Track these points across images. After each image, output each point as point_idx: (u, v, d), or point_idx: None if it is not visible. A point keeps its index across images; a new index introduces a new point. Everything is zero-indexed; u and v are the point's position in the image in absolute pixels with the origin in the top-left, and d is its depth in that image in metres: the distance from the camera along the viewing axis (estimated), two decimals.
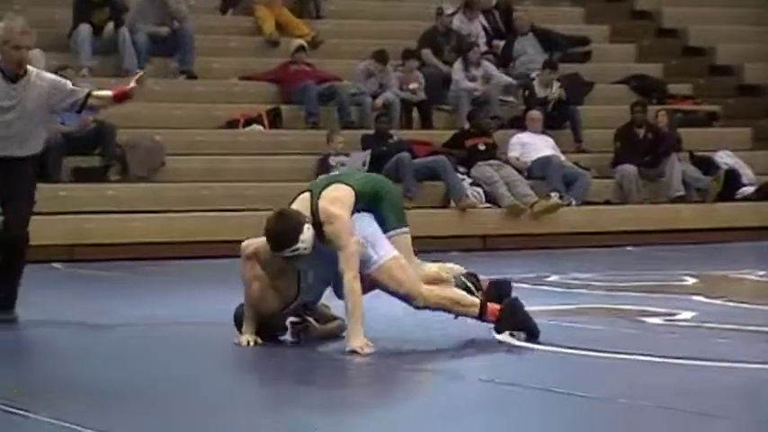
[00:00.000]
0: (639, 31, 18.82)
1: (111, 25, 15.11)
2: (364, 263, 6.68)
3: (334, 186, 6.87)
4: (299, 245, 6.62)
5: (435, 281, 7.02)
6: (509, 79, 16.34)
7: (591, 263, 12.37)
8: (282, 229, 6.65)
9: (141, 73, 8.44)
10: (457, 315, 6.96)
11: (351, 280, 6.59)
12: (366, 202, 6.93)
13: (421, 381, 6.19)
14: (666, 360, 6.54)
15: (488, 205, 14.73)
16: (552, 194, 14.88)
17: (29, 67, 7.93)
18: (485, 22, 17.43)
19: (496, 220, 14.62)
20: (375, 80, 15.70)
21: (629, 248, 14.28)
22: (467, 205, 14.47)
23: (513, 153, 15.31)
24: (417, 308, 6.92)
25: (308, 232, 6.64)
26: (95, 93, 8.16)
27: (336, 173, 7.12)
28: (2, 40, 7.75)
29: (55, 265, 11.92)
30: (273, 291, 6.83)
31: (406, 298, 6.87)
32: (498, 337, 6.92)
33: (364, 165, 14.34)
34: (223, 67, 15.93)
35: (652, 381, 6.02)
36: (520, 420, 5.20)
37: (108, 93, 8.25)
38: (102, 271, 11.53)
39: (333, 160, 14.40)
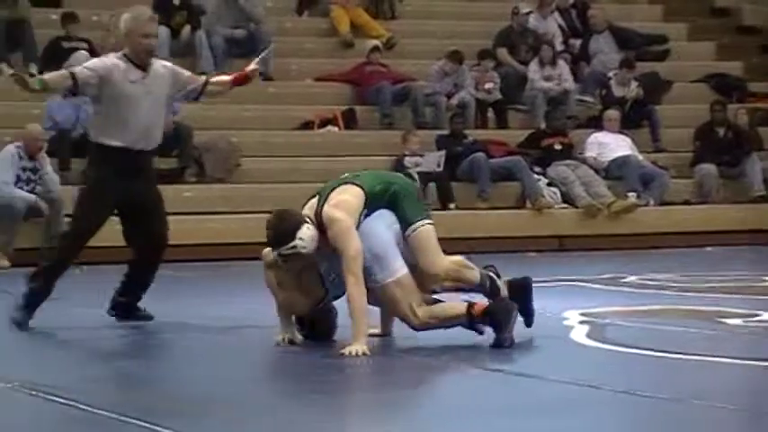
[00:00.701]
0: (718, 28, 18.61)
1: (188, 28, 15.23)
2: (367, 276, 6.64)
3: (341, 188, 6.90)
4: (297, 242, 6.65)
5: (464, 266, 6.96)
6: (574, 87, 16.17)
7: (669, 263, 12.24)
8: (279, 227, 6.70)
9: (265, 53, 8.40)
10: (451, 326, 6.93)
11: (351, 285, 6.58)
12: (382, 201, 6.88)
13: (494, 380, 6.14)
14: (745, 362, 6.45)
15: (564, 205, 14.63)
16: (630, 194, 14.76)
17: (152, 59, 7.92)
18: (561, 21, 17.33)
19: (573, 221, 14.52)
20: (450, 80, 15.67)
21: (708, 249, 14.11)
22: (543, 206, 14.38)
23: (589, 153, 15.20)
24: (415, 329, 6.87)
25: (307, 231, 6.68)
26: (213, 79, 8.17)
27: (346, 174, 7.05)
28: (129, 29, 7.75)
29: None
30: (299, 293, 6.85)
31: (403, 319, 6.85)
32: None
33: (439, 166, 14.32)
34: (299, 69, 15.98)
35: (729, 382, 5.94)
36: (594, 422, 5.15)
37: (226, 78, 8.23)
38: (178, 272, 11.60)
39: (408, 161, 14.38)
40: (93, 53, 14.54)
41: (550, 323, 7.86)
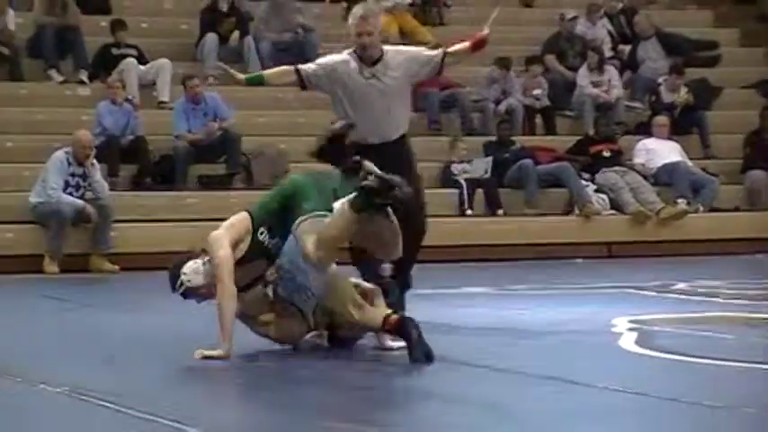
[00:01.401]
0: None
1: (236, 34, 15.28)
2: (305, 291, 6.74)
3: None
4: (182, 277, 6.79)
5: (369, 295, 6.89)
6: (623, 93, 16.07)
7: (719, 270, 12.15)
8: (169, 273, 6.88)
9: (494, 14, 8.19)
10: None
11: (218, 291, 6.72)
12: (282, 216, 6.89)
13: (542, 387, 6.12)
14: None
15: (613, 212, 14.56)
16: (679, 201, 14.67)
17: (386, 47, 7.96)
18: (610, 27, 17.26)
19: (621, 227, 14.45)
20: (498, 86, 15.64)
21: (758, 256, 13.99)
22: (591, 212, 14.32)
23: (638, 159, 15.12)
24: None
25: (192, 265, 6.80)
26: (451, 50, 8.01)
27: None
28: (349, 28, 7.85)
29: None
30: (285, 321, 6.85)
31: (344, 313, 6.85)
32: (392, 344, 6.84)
33: (486, 172, 14.29)
34: None
35: None
36: (641, 429, 5.11)
37: (464, 45, 8.04)
38: None
39: (455, 167, 14.36)
40: (142, 59, 14.66)
41: (599, 330, 7.82)
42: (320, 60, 8.06)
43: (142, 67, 14.54)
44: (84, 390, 5.78)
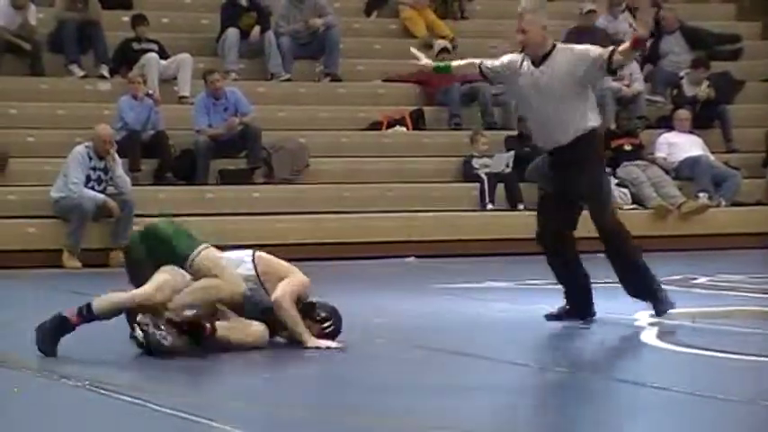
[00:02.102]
0: None
1: (257, 29, 15.28)
2: None
3: None
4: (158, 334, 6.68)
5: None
6: (642, 87, 16.00)
7: (740, 264, 12.11)
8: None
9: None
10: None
11: None
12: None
13: (563, 381, 6.10)
14: None
15: (634, 206, 14.51)
16: (701, 195, 14.61)
17: (558, 44, 7.77)
18: (632, 20, 17.18)
19: (643, 221, 14.37)
20: None
21: None
22: (612, 206, 14.24)
23: (660, 153, 15.07)
24: None
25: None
26: (620, 49, 7.67)
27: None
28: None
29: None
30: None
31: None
32: None
33: (507, 166, 14.25)
34: (367, 69, 15.99)
35: None
36: (663, 423, 5.09)
37: (627, 45, 7.74)
38: None
39: (476, 162, 14.34)
40: (163, 54, 14.68)
41: (621, 325, 7.81)
42: (504, 56, 7.90)
43: (163, 62, 14.56)
44: (105, 384, 5.79)
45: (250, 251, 7.15)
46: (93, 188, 12.42)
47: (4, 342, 7.27)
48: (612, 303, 8.95)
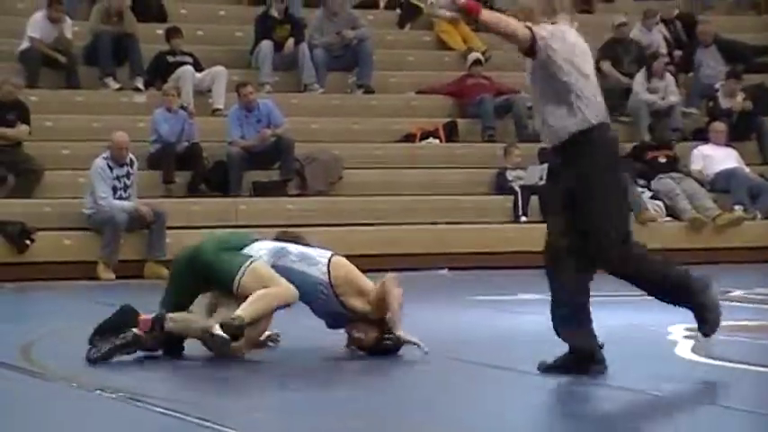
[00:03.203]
0: None
1: (291, 41, 15.32)
2: None
3: None
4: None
5: None
6: (678, 99, 15.94)
7: None
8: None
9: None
10: None
11: None
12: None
13: (598, 394, 6.07)
14: None
15: (669, 218, 14.45)
16: (736, 207, 14.53)
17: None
18: (666, 32, 17.14)
19: (678, 234, 14.33)
20: None
21: None
22: (647, 218, 14.21)
23: (695, 165, 15.00)
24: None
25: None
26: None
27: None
28: None
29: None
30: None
31: None
32: None
33: (541, 179, 14.20)
34: (400, 81, 16.00)
35: None
36: None
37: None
38: None
39: (510, 174, 14.31)
40: (198, 67, 14.73)
41: (655, 337, 7.77)
42: None
43: (198, 75, 14.61)
44: (140, 395, 5.80)
45: (328, 253, 7.03)
46: (120, 197, 12.47)
47: (40, 353, 7.29)
48: (645, 316, 8.91)
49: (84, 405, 5.85)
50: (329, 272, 6.91)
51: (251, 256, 6.87)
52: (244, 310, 6.68)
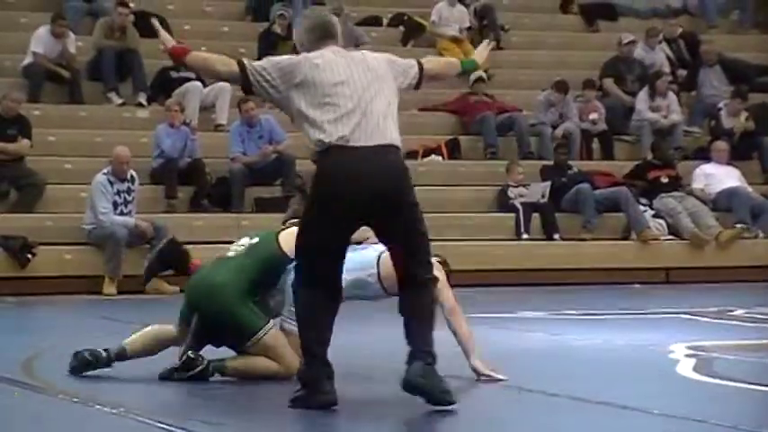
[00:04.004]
0: None
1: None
2: None
3: None
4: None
5: None
6: (680, 118, 15.95)
7: None
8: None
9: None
10: None
11: None
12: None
13: (599, 413, 6.06)
14: None
15: (671, 237, 14.45)
16: (738, 226, 14.53)
17: None
18: (668, 52, 17.16)
19: (680, 253, 14.33)
20: (555, 110, 15.59)
21: None
22: (649, 237, 14.21)
23: (697, 184, 15.01)
24: None
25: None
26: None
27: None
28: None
29: None
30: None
31: None
32: None
33: (543, 196, 14.23)
34: (403, 98, 15.87)
35: None
36: None
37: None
38: None
39: (512, 191, 14.32)
40: (202, 83, 14.75)
41: (656, 356, 7.76)
42: None
43: (204, 90, 14.64)
44: (141, 411, 5.80)
45: (375, 254, 6.74)
46: (121, 213, 12.47)
47: (41, 368, 7.29)
48: (647, 335, 8.91)
49: (84, 420, 5.84)
50: (378, 272, 6.79)
51: (272, 321, 6.78)
52: (235, 363, 6.69)
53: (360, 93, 5.94)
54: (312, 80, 5.94)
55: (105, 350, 6.81)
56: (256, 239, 6.90)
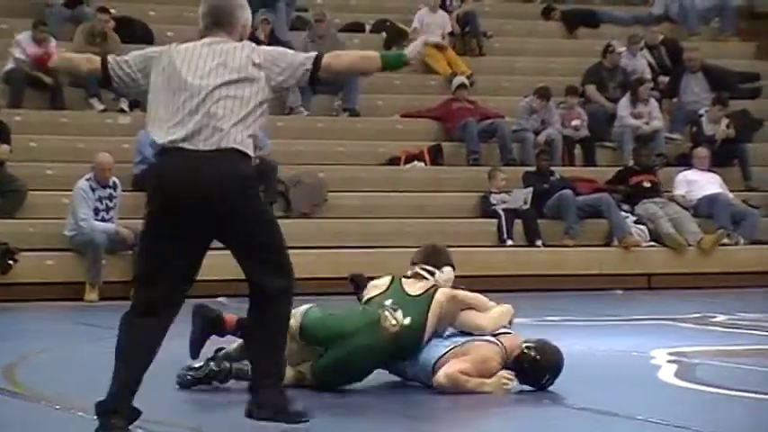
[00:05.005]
0: None
1: None
2: None
3: None
4: None
5: None
6: (661, 125, 15.99)
7: (759, 303, 12.07)
8: None
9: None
10: None
11: None
12: None
13: (580, 419, 6.07)
14: None
15: (653, 243, 14.48)
16: (719, 232, 14.56)
17: None
18: (650, 58, 17.21)
19: (661, 259, 14.36)
20: (537, 117, 15.61)
21: None
22: (630, 243, 14.24)
23: (678, 191, 15.04)
24: None
25: None
26: None
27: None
28: None
29: (221, 299, 12.08)
30: None
31: None
32: None
33: (526, 203, 14.24)
34: (386, 105, 16.02)
35: None
36: None
37: None
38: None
39: (494, 198, 14.33)
40: None
41: (638, 362, 7.78)
42: None
43: None
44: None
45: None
46: (102, 219, 12.44)
47: (23, 374, 7.26)
48: (629, 340, 8.93)
49: (66, 427, 5.83)
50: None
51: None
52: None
53: (204, 93, 5.53)
54: (165, 73, 5.64)
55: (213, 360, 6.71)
56: (408, 320, 6.70)
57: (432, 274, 6.95)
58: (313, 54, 5.79)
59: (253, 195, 5.68)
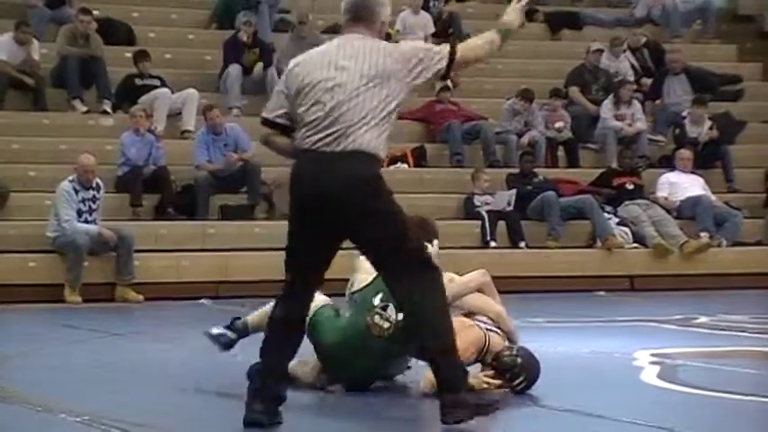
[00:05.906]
0: None
1: (260, 65, 15.33)
2: None
3: None
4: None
5: None
6: (644, 126, 16.02)
7: (741, 305, 12.09)
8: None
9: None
10: None
11: None
12: None
13: (562, 420, 6.08)
14: None
15: (636, 245, 14.50)
16: (702, 234, 14.60)
17: None
18: (633, 60, 17.25)
19: (644, 261, 14.39)
20: (521, 119, 15.63)
21: None
22: (613, 245, 14.26)
23: (661, 192, 15.07)
24: None
25: None
26: None
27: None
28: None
29: (203, 300, 12.08)
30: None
31: None
32: None
33: (509, 204, 14.26)
34: None
35: None
36: None
37: None
38: (248, 308, 11.63)
39: (477, 199, 14.34)
40: (170, 89, 14.72)
41: (621, 364, 7.79)
42: None
43: (172, 96, 14.62)
44: (105, 420, 5.77)
45: None
46: (86, 221, 12.41)
47: (4, 376, 7.24)
48: (612, 341, 8.94)
49: (48, 429, 5.81)
50: None
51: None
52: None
53: (342, 93, 5.64)
54: (292, 89, 5.80)
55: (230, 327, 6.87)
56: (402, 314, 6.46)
57: None
58: (446, 48, 5.78)
59: (377, 194, 5.80)
